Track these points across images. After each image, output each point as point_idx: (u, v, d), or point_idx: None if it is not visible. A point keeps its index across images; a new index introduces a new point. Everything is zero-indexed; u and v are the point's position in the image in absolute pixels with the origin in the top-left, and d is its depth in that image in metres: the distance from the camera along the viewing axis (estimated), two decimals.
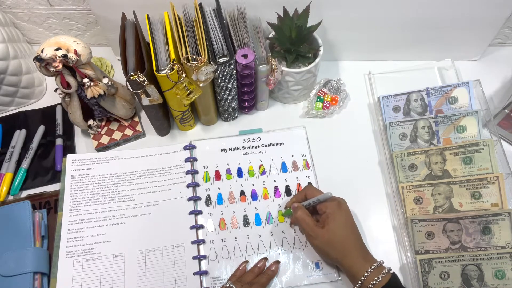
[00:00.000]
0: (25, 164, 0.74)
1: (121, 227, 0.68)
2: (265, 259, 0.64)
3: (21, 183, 0.73)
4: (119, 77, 0.85)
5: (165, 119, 0.76)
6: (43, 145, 0.77)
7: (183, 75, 0.63)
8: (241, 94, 0.73)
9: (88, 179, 0.71)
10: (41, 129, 0.78)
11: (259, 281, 0.61)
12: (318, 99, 0.77)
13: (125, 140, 0.77)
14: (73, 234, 0.66)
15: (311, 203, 0.62)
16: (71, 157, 0.73)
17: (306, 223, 0.60)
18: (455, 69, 0.79)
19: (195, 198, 0.70)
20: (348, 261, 0.57)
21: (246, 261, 0.65)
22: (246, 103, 0.76)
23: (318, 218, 0.62)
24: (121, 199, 0.70)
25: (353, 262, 0.56)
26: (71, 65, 0.62)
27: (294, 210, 0.62)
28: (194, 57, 0.62)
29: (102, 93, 0.67)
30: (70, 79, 0.64)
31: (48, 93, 0.84)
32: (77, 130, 0.79)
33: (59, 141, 0.77)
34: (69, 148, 0.77)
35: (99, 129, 0.77)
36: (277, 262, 0.64)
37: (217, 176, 0.72)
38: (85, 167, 0.72)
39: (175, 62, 0.61)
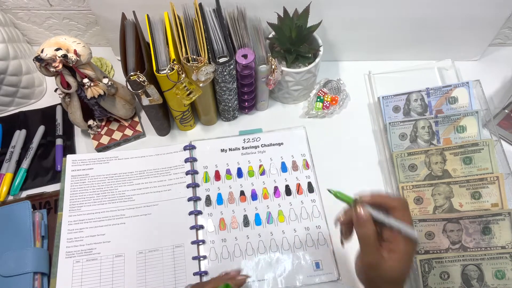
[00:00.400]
0: (25, 164, 0.74)
1: (121, 227, 0.68)
2: (239, 270, 0.56)
3: (21, 183, 0.73)
4: (119, 77, 0.85)
5: (165, 119, 0.76)
6: (43, 145, 0.77)
7: (183, 75, 0.63)
8: (241, 94, 0.73)
9: (88, 179, 0.71)
10: (41, 129, 0.78)
11: (215, 284, 0.53)
12: (318, 99, 0.77)
13: (125, 140, 0.77)
14: (73, 234, 0.66)
15: (382, 220, 0.46)
16: (71, 157, 0.73)
17: (371, 246, 0.46)
18: (455, 69, 0.79)
19: (195, 199, 0.70)
20: None
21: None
22: (246, 103, 0.76)
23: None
24: (121, 199, 0.70)
25: None
26: (71, 65, 0.62)
27: (362, 221, 0.46)
28: (194, 57, 0.62)
29: (102, 93, 0.67)
30: (70, 79, 0.64)
31: (48, 93, 0.84)
32: (77, 130, 0.79)
33: (59, 141, 0.77)
34: (69, 148, 0.77)
35: (99, 129, 0.77)
36: (247, 276, 0.55)
37: (217, 176, 0.72)
38: (85, 167, 0.72)
39: (175, 62, 0.61)
